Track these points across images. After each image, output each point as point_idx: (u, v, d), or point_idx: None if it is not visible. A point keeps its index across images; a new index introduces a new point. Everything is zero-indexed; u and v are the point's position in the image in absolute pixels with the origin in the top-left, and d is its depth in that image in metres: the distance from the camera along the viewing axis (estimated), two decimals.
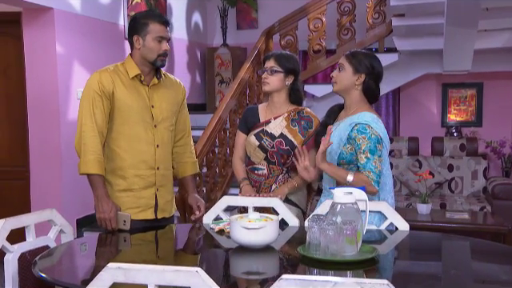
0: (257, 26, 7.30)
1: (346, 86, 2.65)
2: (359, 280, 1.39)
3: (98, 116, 2.60)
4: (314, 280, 1.40)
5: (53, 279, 1.87)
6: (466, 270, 2.13)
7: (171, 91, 2.82)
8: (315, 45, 6.13)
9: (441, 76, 6.79)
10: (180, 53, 6.72)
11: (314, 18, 6.11)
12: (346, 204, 2.05)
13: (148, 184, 2.70)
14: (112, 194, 2.65)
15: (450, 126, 6.91)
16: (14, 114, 4.95)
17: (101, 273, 1.50)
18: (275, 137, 2.86)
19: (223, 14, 7.19)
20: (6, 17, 4.75)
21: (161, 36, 2.64)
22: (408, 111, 7.22)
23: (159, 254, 2.43)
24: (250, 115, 2.97)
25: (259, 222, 2.14)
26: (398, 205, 5.34)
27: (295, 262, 2.13)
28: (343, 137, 2.61)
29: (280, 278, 1.42)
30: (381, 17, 6.01)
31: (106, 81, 2.64)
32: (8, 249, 2.14)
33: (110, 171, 2.66)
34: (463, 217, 4.61)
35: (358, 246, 2.04)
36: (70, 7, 4.67)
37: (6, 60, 4.97)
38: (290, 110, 2.91)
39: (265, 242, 2.16)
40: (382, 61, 5.77)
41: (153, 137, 2.69)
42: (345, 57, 2.67)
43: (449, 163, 5.88)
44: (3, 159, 5.03)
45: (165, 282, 1.48)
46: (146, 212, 2.70)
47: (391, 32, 5.85)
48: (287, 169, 2.89)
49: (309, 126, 2.89)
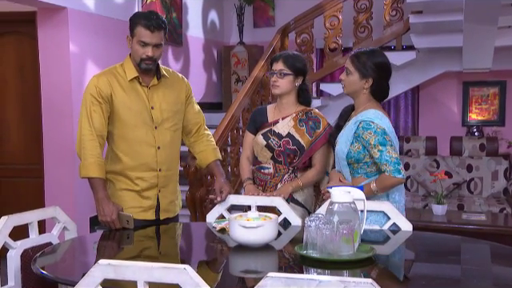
0: (274, 24, 7.33)
1: (354, 90, 2.69)
2: (343, 279, 1.41)
3: (96, 120, 2.64)
4: (299, 278, 1.43)
5: (52, 276, 1.93)
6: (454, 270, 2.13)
7: (173, 90, 2.83)
8: (331, 43, 6.13)
9: (461, 74, 6.72)
10: (196, 51, 6.78)
11: (330, 16, 6.11)
12: (344, 203, 2.07)
13: (150, 185, 2.74)
14: (114, 192, 2.71)
15: (471, 126, 6.84)
16: (28, 112, 5.06)
17: (91, 269, 1.55)
18: (282, 136, 2.89)
19: (240, 12, 7.23)
20: (22, 16, 4.85)
21: (143, 41, 2.64)
22: (427, 110, 7.17)
23: (160, 251, 2.49)
24: (258, 115, 3.00)
25: (257, 220, 2.17)
26: (415, 205, 5.33)
27: (293, 261, 2.16)
28: (349, 136, 2.63)
29: (266, 276, 1.45)
30: (398, 14, 5.98)
31: (104, 85, 2.69)
32: (11, 245, 2.21)
33: (112, 172, 2.72)
34: (480, 218, 4.57)
35: (355, 246, 2.05)
36: (84, 6, 4.75)
37: (21, 59, 5.08)
38: (299, 110, 2.94)
39: (263, 241, 2.19)
40: (399, 59, 5.89)
41: (153, 139, 2.73)
42: (349, 60, 2.68)
43: (468, 163, 5.82)
44: (18, 157, 5.15)
45: (153, 279, 1.52)
46: (147, 213, 2.75)
47: (409, 29, 5.82)
48: (293, 168, 2.91)
49: (316, 127, 2.91)
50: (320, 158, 2.90)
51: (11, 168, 5.18)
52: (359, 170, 2.66)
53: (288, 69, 2.85)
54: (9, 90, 5.17)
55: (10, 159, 5.19)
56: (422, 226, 4.41)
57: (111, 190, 2.72)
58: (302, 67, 2.89)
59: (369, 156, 2.63)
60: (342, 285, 1.40)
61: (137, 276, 1.52)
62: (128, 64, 2.75)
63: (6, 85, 5.17)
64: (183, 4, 6.42)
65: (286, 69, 2.85)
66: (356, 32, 6.07)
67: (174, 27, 6.17)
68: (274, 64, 2.90)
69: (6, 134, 5.20)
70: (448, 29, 5.54)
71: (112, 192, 2.72)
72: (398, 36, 6.03)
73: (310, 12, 6.20)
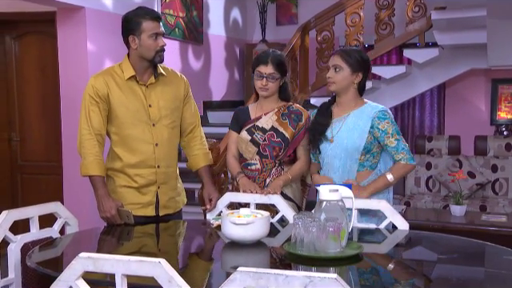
0: (297, 22, 7.34)
1: (344, 85, 2.78)
2: (309, 274, 1.46)
3: (94, 119, 2.75)
4: (267, 273, 1.48)
5: (42, 269, 2.04)
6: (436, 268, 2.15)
7: (170, 88, 2.91)
8: (352, 40, 6.12)
9: (490, 71, 6.62)
10: (217, 49, 6.87)
11: (351, 13, 6.10)
12: (331, 201, 2.11)
13: (149, 182, 2.83)
14: (114, 189, 2.81)
15: (500, 125, 6.73)
16: (49, 111, 5.24)
17: (72, 262, 1.63)
18: (266, 130, 2.95)
19: (262, 9, 7.29)
20: (42, 16, 5.03)
21: (155, 33, 2.74)
22: (454, 109, 7.08)
23: (158, 247, 2.57)
24: (240, 115, 3.06)
25: (248, 217, 2.23)
26: (434, 206, 5.30)
27: (283, 258, 2.21)
28: (365, 128, 2.72)
29: (236, 271, 1.51)
30: (421, 10, 5.93)
31: (100, 85, 2.79)
32: (11, 239, 2.32)
33: (112, 169, 2.83)
34: (500, 220, 4.52)
35: (342, 243, 2.09)
36: (102, 6, 4.89)
37: (43, 59, 5.26)
38: (280, 105, 3.00)
39: (254, 238, 2.25)
40: (422, 56, 5.86)
41: (151, 136, 2.81)
42: (340, 57, 2.77)
43: (493, 163, 5.75)
44: (39, 154, 5.34)
45: (130, 272, 1.60)
46: (147, 209, 2.84)
47: (432, 26, 5.77)
48: (280, 162, 2.97)
49: (299, 119, 2.97)
50: (304, 150, 2.97)
51: (33, 165, 5.39)
52: (365, 162, 2.76)
53: (278, 72, 2.89)
54: (31, 90, 5.37)
55: (32, 157, 5.40)
56: (439, 227, 4.41)
57: (111, 186, 2.82)
58: (286, 68, 2.96)
59: (377, 146, 2.76)
60: (307, 280, 1.45)
61: (114, 269, 1.60)
62: (126, 64, 2.84)
63: (29, 84, 5.37)
64: (204, 2, 6.52)
65: (276, 72, 2.89)
66: (378, 29, 6.05)
67: (194, 26, 6.27)
68: (262, 66, 2.89)
69: (29, 133, 5.40)
70: (472, 25, 5.47)
71: (112, 188, 2.82)
72: (421, 33, 5.97)
73: (331, 9, 6.21)
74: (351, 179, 2.75)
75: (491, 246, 2.29)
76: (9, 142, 5.46)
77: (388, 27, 6.03)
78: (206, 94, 6.65)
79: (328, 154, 2.81)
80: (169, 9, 5.79)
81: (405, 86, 6.25)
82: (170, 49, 5.84)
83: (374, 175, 2.78)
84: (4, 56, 5.43)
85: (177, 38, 5.97)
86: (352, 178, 2.77)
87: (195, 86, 6.43)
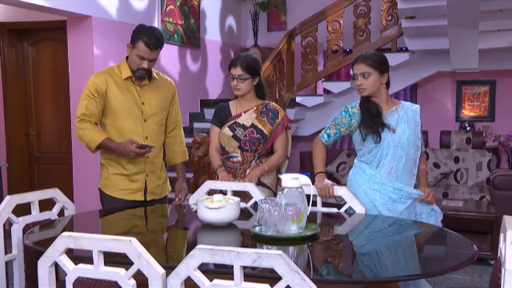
0: (285, 28, 7.36)
1: (376, 89, 2.66)
2: (257, 251, 1.50)
3: (92, 107, 2.81)
4: (221, 250, 1.53)
5: (34, 246, 2.08)
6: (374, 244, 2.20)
7: (161, 90, 2.98)
8: (333, 45, 6.15)
9: (455, 74, 6.66)
10: (213, 53, 6.89)
11: (332, 21, 6.13)
12: (291, 188, 2.15)
13: (139, 170, 2.88)
14: (108, 176, 2.86)
15: (464, 121, 6.76)
16: (60, 108, 5.28)
17: (56, 240, 1.68)
18: (247, 127, 2.97)
19: (254, 17, 7.32)
20: (55, 25, 5.05)
21: (141, 56, 2.78)
22: (425, 106, 7.02)
23: (145, 227, 2.61)
24: (222, 111, 3.07)
25: (220, 202, 2.27)
26: None
27: (249, 238, 2.25)
28: (417, 120, 2.73)
29: (195, 248, 1.55)
30: (393, 19, 5.96)
31: (100, 82, 2.85)
32: (14, 220, 2.37)
33: (106, 158, 2.87)
34: (457, 205, 4.57)
35: (301, 225, 2.13)
36: (107, 15, 4.91)
37: (55, 63, 5.30)
38: (258, 104, 3.02)
39: (225, 220, 2.29)
40: (394, 60, 5.87)
41: (142, 130, 2.87)
42: (365, 64, 2.62)
43: (455, 155, 5.78)
44: (51, 146, 5.39)
45: (105, 249, 1.64)
46: (136, 194, 2.89)
47: (403, 33, 5.79)
48: (258, 155, 3.00)
49: (276, 117, 3.00)
50: (281, 144, 3.00)
51: (47, 156, 5.44)
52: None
53: (246, 73, 2.91)
54: (45, 90, 5.41)
55: (46, 149, 5.45)
56: None
57: (105, 174, 2.88)
58: (257, 69, 2.94)
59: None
60: (256, 255, 1.49)
61: (92, 246, 1.65)
62: (124, 65, 2.90)
63: (43, 85, 5.41)
64: (201, 11, 6.53)
65: (245, 74, 2.91)
66: (356, 35, 6.07)
67: (191, 32, 6.30)
68: (233, 69, 2.92)
69: (44, 128, 5.45)
70: (437, 32, 5.50)
71: (106, 175, 2.88)
72: (394, 39, 6.01)
73: (314, 17, 6.23)
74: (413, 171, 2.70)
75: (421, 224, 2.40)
76: (27, 136, 5.50)
77: (365, 34, 6.05)
78: (203, 92, 6.68)
79: (390, 143, 2.64)
80: (168, 17, 5.81)
81: None
82: (169, 53, 5.93)
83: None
84: (22, 60, 5.47)
85: (176, 43, 6.00)
86: (415, 166, 2.69)
87: (193, 86, 6.52)
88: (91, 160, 4.76)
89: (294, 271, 1.45)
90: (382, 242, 2.30)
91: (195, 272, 1.55)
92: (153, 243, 2.27)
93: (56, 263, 1.67)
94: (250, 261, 1.49)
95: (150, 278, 1.59)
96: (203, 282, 1.55)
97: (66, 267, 1.67)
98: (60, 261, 1.67)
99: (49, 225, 2.45)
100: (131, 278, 1.63)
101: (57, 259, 1.67)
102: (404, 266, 1.97)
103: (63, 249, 1.67)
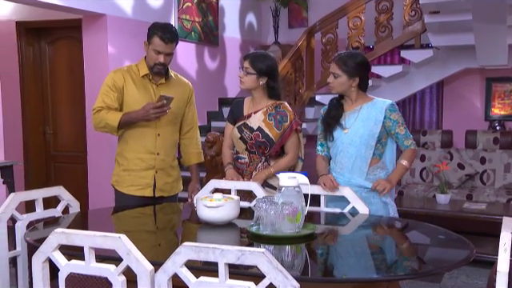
0: (307, 25, 7.36)
1: (343, 90, 2.88)
2: (241, 248, 1.56)
3: (108, 100, 2.95)
4: (206, 247, 1.59)
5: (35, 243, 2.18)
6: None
7: (177, 90, 3.09)
8: (354, 42, 6.15)
9: (484, 70, 6.57)
10: (232, 50, 6.96)
11: (353, 17, 6.13)
12: (288, 187, 2.19)
13: (148, 166, 3.01)
14: (118, 172, 3.04)
15: (493, 120, 6.66)
16: (76, 107, 5.43)
17: (49, 236, 1.77)
18: (254, 130, 3.00)
19: (275, 13, 7.36)
20: (70, 23, 5.20)
21: (158, 50, 2.92)
22: (451, 105, 7.03)
23: (146, 226, 2.70)
24: (235, 109, 3.13)
25: (219, 201, 2.33)
26: (425, 194, 5.30)
27: (247, 237, 2.31)
28: (379, 118, 2.82)
29: (181, 245, 1.61)
30: (417, 14, 5.92)
31: (118, 78, 3.01)
32: (17, 217, 2.48)
33: (118, 153, 3.05)
34: (480, 207, 4.52)
35: (298, 224, 2.17)
36: (122, 13, 5.04)
37: (71, 61, 5.45)
38: (269, 104, 3.03)
39: (223, 219, 2.35)
40: (417, 57, 5.82)
41: (155, 126, 3.00)
42: (335, 65, 2.84)
43: (481, 156, 5.71)
44: (67, 145, 5.56)
45: (96, 245, 1.72)
46: (145, 190, 3.02)
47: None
48: (266, 158, 3.03)
49: (284, 120, 3.00)
50: (291, 146, 3.01)
51: (63, 155, 5.61)
52: (375, 151, 2.86)
53: (252, 68, 2.95)
54: (62, 89, 5.58)
55: (62, 148, 5.62)
56: (423, 214, 4.45)
57: (117, 169, 3.05)
58: (265, 69, 2.95)
59: (384, 137, 2.87)
60: (239, 253, 1.55)
61: (83, 242, 1.73)
62: (142, 64, 3.05)
63: (60, 84, 5.58)
64: (220, 7, 6.62)
65: (251, 68, 2.96)
66: (377, 31, 6.06)
67: (210, 29, 6.38)
68: (244, 62, 3.01)
69: (60, 127, 5.62)
70: (463, 28, 5.42)
71: (117, 172, 3.05)
72: (417, 35, 5.97)
73: (335, 13, 6.24)
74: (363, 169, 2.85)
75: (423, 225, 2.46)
76: (43, 135, 5.68)
77: (387, 30, 6.03)
78: (222, 91, 6.76)
79: (343, 141, 2.87)
80: (185, 14, 5.91)
81: (403, 84, 6.25)
82: (186, 51, 6.03)
83: (381, 163, 2.88)
84: (39, 59, 5.65)
85: (193, 41, 6.09)
86: (365, 164, 2.85)
87: (211, 84, 6.60)
88: (106, 159, 4.89)
89: (276, 269, 1.50)
90: (379, 241, 2.34)
91: (181, 269, 1.62)
92: (148, 241, 2.36)
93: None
94: (233, 258, 1.55)
95: (139, 274, 1.66)
96: (189, 278, 1.61)
97: (58, 263, 1.76)
98: (53, 256, 1.76)
99: (52, 222, 2.55)
100: (121, 275, 1.71)
101: (50, 255, 1.76)
102: (400, 266, 2.00)
103: (56, 245, 1.76)
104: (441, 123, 7.05)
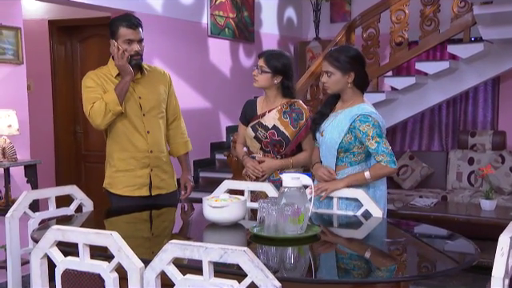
0: (350, 19, 7.38)
1: (339, 88, 2.87)
2: (224, 247, 1.66)
3: (97, 94, 2.99)
4: (191, 245, 1.70)
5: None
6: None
7: (156, 82, 3.18)
8: (397, 37, 6.12)
9: None
10: (270, 47, 6.99)
11: (396, 10, 6.10)
12: (292, 188, 2.27)
13: (142, 165, 3.11)
14: (111, 174, 3.13)
15: None
16: None
17: (46, 233, 1.93)
18: (269, 128, 3.09)
19: (316, 8, 7.42)
20: (99, 21, 5.44)
21: (129, 39, 3.00)
22: (509, 104, 6.85)
23: (151, 227, 2.86)
24: (248, 108, 3.24)
25: (224, 201, 2.44)
26: (472, 201, 5.23)
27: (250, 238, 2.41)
28: (344, 127, 2.80)
29: (167, 243, 1.73)
30: (467, 5, 5.83)
31: (96, 77, 3.09)
32: (30, 215, 2.67)
33: (110, 155, 3.15)
34: None
35: (301, 226, 2.25)
36: (152, 10, 5.24)
37: (101, 59, 5.61)
38: (283, 102, 3.13)
39: (228, 220, 2.45)
40: (466, 52, 5.74)
41: (143, 124, 3.09)
42: (327, 62, 2.83)
43: None
44: (97, 145, 5.78)
45: (89, 242, 1.87)
46: (141, 190, 3.13)
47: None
48: (281, 157, 3.12)
49: (299, 118, 3.09)
50: (309, 143, 3.10)
51: (94, 155, 5.88)
52: (344, 158, 2.84)
53: (267, 67, 3.04)
54: None
55: (93, 147, 5.89)
56: (463, 220, 4.41)
57: (109, 172, 3.15)
58: (280, 67, 3.04)
59: (357, 147, 2.81)
60: (222, 251, 1.66)
61: (78, 239, 1.88)
62: (111, 65, 3.13)
63: None
64: (256, 3, 6.74)
65: (265, 67, 3.05)
66: (422, 25, 6.01)
67: (245, 25, 6.52)
68: (259, 59, 3.11)
69: (90, 127, 5.76)
70: None
71: (110, 174, 3.14)
72: (467, 28, 5.88)
73: (377, 7, 6.23)
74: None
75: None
76: (74, 135, 5.98)
77: (433, 23, 5.97)
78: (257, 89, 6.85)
79: (321, 144, 2.95)
80: (218, 10, 6.07)
81: (452, 82, 6.14)
82: (220, 48, 6.20)
83: (351, 170, 2.84)
84: (71, 58, 5.95)
85: (227, 38, 6.25)
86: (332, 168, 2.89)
87: (247, 82, 6.69)
88: None
89: (257, 268, 1.60)
90: (383, 243, 2.40)
91: (168, 266, 1.74)
92: (150, 240, 2.50)
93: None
94: (217, 256, 1.66)
95: (129, 271, 1.80)
96: (176, 276, 1.73)
97: (55, 259, 1.92)
98: (50, 253, 1.92)
99: (65, 220, 2.73)
100: (113, 271, 1.84)
101: (47, 251, 1.92)
102: (405, 268, 2.06)
103: (53, 241, 1.92)
104: (496, 124, 6.88)
